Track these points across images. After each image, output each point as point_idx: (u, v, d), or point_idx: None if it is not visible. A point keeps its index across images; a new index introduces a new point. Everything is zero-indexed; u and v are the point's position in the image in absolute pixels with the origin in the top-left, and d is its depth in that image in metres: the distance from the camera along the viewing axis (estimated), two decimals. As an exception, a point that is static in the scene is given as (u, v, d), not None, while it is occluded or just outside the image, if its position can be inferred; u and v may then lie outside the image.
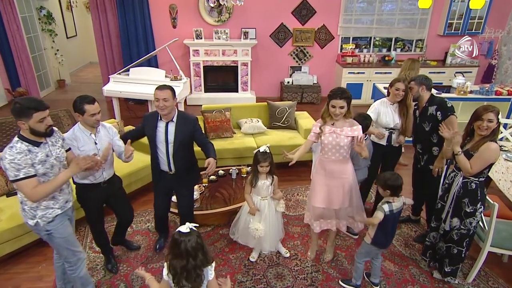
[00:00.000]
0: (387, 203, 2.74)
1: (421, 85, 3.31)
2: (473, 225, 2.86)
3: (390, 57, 7.55)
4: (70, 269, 2.63)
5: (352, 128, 2.87)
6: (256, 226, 3.04)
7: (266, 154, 3.00)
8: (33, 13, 7.66)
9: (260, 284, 3.12)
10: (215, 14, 7.23)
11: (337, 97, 2.75)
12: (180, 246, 1.89)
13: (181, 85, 5.92)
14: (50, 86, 8.23)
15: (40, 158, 2.28)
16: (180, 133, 2.95)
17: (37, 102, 2.26)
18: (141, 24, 7.07)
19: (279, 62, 7.71)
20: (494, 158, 2.68)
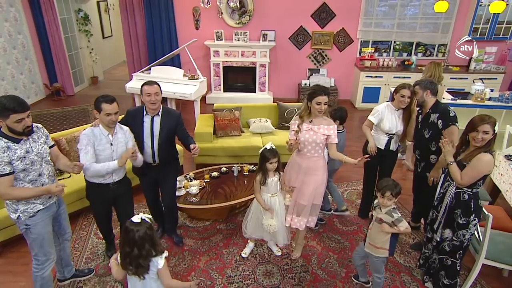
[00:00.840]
0: (395, 209, 2.55)
1: (426, 90, 3.11)
2: (467, 237, 2.64)
3: (410, 62, 7.21)
4: (36, 267, 2.54)
5: (328, 127, 2.86)
6: (269, 222, 2.98)
7: (273, 151, 2.93)
8: (72, 15, 8.01)
9: (247, 280, 3.07)
10: (236, 16, 7.23)
11: (322, 94, 2.74)
12: (129, 235, 1.91)
13: (197, 84, 5.97)
14: (84, 82, 8.58)
15: (19, 154, 2.24)
16: (165, 126, 2.99)
17: (16, 104, 2.17)
18: (166, 25, 7.21)
19: (297, 64, 7.58)
20: (487, 170, 2.47)
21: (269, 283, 3.04)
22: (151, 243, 1.96)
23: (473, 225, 2.62)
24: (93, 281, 3.03)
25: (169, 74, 6.15)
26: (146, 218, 2.00)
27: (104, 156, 2.68)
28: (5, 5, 6.60)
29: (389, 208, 2.53)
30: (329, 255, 3.37)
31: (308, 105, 2.86)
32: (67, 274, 2.96)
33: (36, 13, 7.16)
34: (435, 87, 3.13)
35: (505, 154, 3.76)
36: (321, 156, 2.97)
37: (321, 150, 2.93)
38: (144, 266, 1.96)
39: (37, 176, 2.37)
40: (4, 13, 6.58)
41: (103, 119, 2.60)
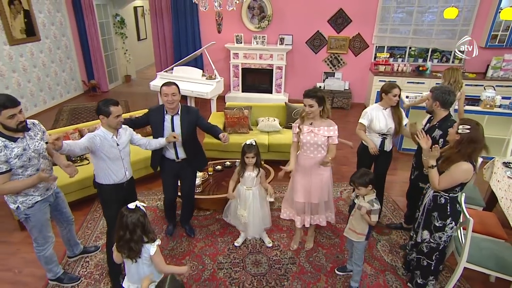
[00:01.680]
0: (376, 200, 2.60)
1: (435, 101, 2.89)
2: (443, 239, 2.56)
3: (425, 68, 6.93)
4: (37, 249, 2.63)
5: (328, 128, 2.82)
6: (241, 212, 3.06)
7: (252, 146, 2.98)
8: (109, 19, 8.42)
9: (237, 267, 3.12)
10: (256, 21, 7.29)
11: (306, 96, 2.72)
12: (123, 219, 1.98)
13: (214, 84, 6.08)
14: (118, 80, 8.99)
15: (16, 152, 2.25)
16: (186, 124, 3.00)
17: (6, 100, 2.17)
18: (190, 29, 7.40)
19: (313, 67, 7.52)
20: (464, 178, 2.37)
21: (256, 271, 3.08)
22: (142, 230, 2.01)
23: (449, 228, 2.53)
24: (99, 257, 3.21)
25: (189, 74, 6.31)
26: (141, 206, 2.06)
27: (113, 157, 2.60)
28: (52, 10, 7.06)
29: (371, 198, 2.58)
30: (318, 250, 3.35)
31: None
32: (76, 251, 3.15)
33: (78, 18, 7.60)
34: (446, 99, 2.85)
35: (504, 161, 3.55)
36: (324, 156, 2.91)
37: (323, 150, 2.88)
38: (135, 250, 2.01)
39: (35, 171, 2.39)
40: (51, 18, 7.04)
41: (112, 122, 2.51)
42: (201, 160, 3.37)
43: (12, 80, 6.20)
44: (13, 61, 6.22)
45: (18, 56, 6.32)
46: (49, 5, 6.95)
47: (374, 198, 2.62)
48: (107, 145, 2.54)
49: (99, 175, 2.65)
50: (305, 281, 2.98)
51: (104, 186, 2.67)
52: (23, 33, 6.40)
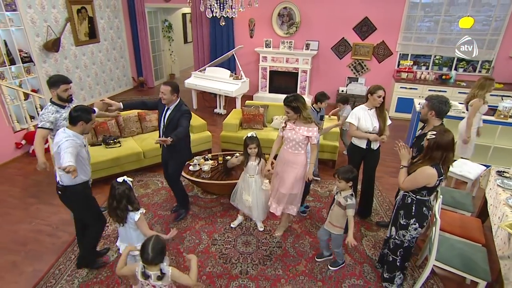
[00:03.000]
0: (351, 196, 2.69)
1: (431, 110, 2.81)
2: (406, 238, 2.55)
3: (449, 76, 6.56)
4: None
5: (308, 129, 2.91)
6: (246, 197, 3.26)
7: (253, 138, 3.16)
8: (159, 24, 9.05)
9: (228, 245, 3.33)
10: (285, 27, 7.41)
11: (284, 103, 2.89)
12: (112, 190, 2.28)
13: (239, 84, 6.34)
14: (163, 78, 9.62)
15: (64, 116, 2.93)
16: (170, 118, 3.21)
17: (63, 78, 2.94)
18: (225, 34, 7.72)
19: (337, 72, 7.46)
20: (427, 182, 2.33)
21: (244, 250, 3.27)
22: (127, 200, 2.29)
23: (413, 228, 2.50)
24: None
25: (218, 74, 6.63)
26: (128, 180, 2.33)
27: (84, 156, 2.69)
28: (111, 17, 7.80)
29: (347, 194, 2.68)
30: (305, 238, 3.45)
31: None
32: None
33: (132, 23, 8.28)
34: (442, 110, 2.78)
35: (498, 170, 3.36)
36: (301, 153, 3.02)
37: (301, 148, 2.98)
38: (121, 217, 2.30)
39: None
40: (110, 23, 7.78)
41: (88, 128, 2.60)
42: (183, 153, 3.45)
43: (75, 75, 6.99)
44: (77, 59, 7.01)
45: (81, 55, 7.09)
46: (109, 13, 7.69)
47: (350, 194, 2.69)
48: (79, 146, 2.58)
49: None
50: (286, 263, 3.11)
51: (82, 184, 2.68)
52: (87, 36, 7.17)
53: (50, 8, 6.20)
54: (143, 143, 4.60)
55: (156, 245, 1.92)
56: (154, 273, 1.94)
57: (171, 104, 3.24)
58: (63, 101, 2.98)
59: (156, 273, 1.94)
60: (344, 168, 2.73)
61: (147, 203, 3.97)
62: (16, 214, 3.74)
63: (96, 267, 2.96)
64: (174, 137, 2.98)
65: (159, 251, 1.91)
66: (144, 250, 1.90)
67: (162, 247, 1.95)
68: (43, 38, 6.14)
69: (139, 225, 2.35)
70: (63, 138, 2.46)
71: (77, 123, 2.51)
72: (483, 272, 2.48)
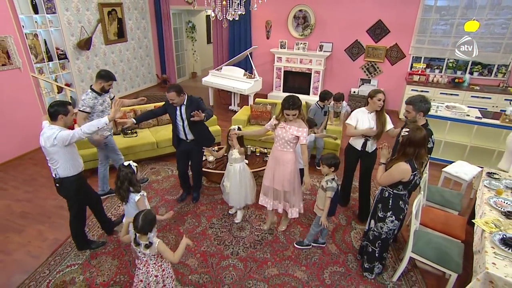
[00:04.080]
0: (332, 180, 2.86)
1: (419, 112, 2.88)
2: (384, 230, 2.66)
3: (462, 80, 6.42)
4: (100, 168, 3.89)
5: (298, 129, 2.92)
6: (226, 183, 3.50)
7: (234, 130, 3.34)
8: (182, 25, 9.47)
9: (224, 229, 3.57)
10: (300, 29, 7.55)
11: (289, 108, 2.82)
12: (118, 172, 2.57)
13: (252, 83, 6.56)
14: (185, 76, 10.05)
15: (100, 102, 3.54)
16: (189, 112, 3.40)
17: (113, 75, 3.59)
18: (243, 35, 7.98)
19: (350, 74, 7.50)
20: (401, 177, 2.44)
21: (238, 234, 3.50)
22: (129, 182, 2.55)
23: (390, 221, 2.61)
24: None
25: (233, 73, 6.90)
26: (133, 165, 2.59)
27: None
28: (139, 18, 8.30)
29: (329, 178, 2.86)
30: (296, 227, 3.62)
31: (283, 112, 2.95)
32: (105, 189, 4.02)
33: (158, 24, 8.75)
34: (427, 108, 2.89)
35: (488, 171, 3.36)
36: (290, 151, 3.04)
37: (290, 146, 3.01)
38: (123, 196, 2.59)
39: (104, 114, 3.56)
40: (137, 24, 8.28)
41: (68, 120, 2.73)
42: (207, 139, 3.79)
43: (104, 71, 7.52)
44: (106, 56, 7.54)
45: (110, 53, 7.63)
46: (137, 14, 8.19)
47: (331, 178, 2.87)
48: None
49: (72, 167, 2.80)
50: (275, 248, 3.31)
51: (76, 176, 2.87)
52: (115, 36, 7.69)
53: (84, 10, 6.74)
54: (157, 134, 4.95)
55: (146, 216, 2.18)
56: (143, 242, 2.21)
57: (181, 102, 3.44)
58: (103, 91, 3.57)
59: (145, 242, 2.21)
60: (328, 155, 2.93)
61: (156, 188, 4.30)
62: (44, 192, 4.19)
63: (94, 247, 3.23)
64: (206, 115, 3.42)
65: (148, 222, 2.18)
66: (135, 219, 2.17)
67: (151, 219, 2.21)
68: (77, 37, 6.69)
69: (139, 206, 2.59)
70: (56, 131, 2.60)
71: (57, 117, 2.64)
72: (455, 265, 2.56)
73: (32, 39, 5.87)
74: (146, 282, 2.31)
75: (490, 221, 2.59)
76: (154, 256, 2.27)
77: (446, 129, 4.84)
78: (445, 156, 4.97)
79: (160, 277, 2.31)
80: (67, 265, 3.04)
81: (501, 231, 2.46)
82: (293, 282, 2.92)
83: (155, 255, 2.26)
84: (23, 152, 5.06)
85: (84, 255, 3.16)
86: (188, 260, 3.12)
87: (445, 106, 5.04)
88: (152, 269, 2.28)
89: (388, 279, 2.95)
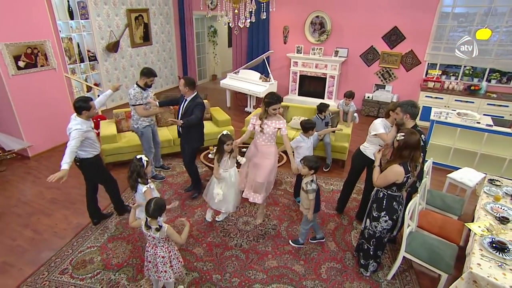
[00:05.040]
0: (311, 182, 2.99)
1: (406, 114, 2.98)
2: (378, 229, 2.77)
3: (478, 87, 6.30)
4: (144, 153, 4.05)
5: (278, 122, 3.26)
6: (217, 191, 3.41)
7: (228, 136, 3.34)
8: (204, 30, 9.83)
9: (230, 222, 3.77)
10: (317, 35, 7.67)
11: (277, 102, 3.16)
12: (131, 163, 2.84)
13: (267, 86, 6.76)
14: (206, 78, 10.40)
15: (144, 96, 3.98)
16: (187, 108, 3.69)
17: (155, 72, 4.00)
18: (261, 40, 8.20)
19: (365, 79, 7.53)
20: (395, 179, 2.55)
21: (243, 228, 3.69)
22: (137, 174, 2.80)
23: (383, 220, 2.72)
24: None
25: (249, 76, 7.12)
26: (144, 159, 2.83)
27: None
28: (164, 23, 8.71)
29: (308, 180, 2.98)
30: (299, 224, 3.73)
31: (266, 110, 3.19)
32: (157, 165, 4.75)
33: (181, 28, 9.13)
34: (414, 112, 2.97)
35: (490, 178, 3.36)
36: (273, 145, 3.34)
37: (272, 140, 3.31)
38: (132, 185, 2.85)
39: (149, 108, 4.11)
40: (162, 28, 8.70)
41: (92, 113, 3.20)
42: (195, 140, 3.87)
43: (129, 72, 7.98)
44: (132, 58, 7.99)
45: (136, 55, 8.07)
46: (162, 19, 8.61)
47: (310, 180, 2.99)
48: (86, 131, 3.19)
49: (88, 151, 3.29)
50: (276, 243, 3.47)
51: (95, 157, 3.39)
52: (141, 39, 8.13)
53: (113, 16, 7.21)
54: (175, 132, 5.24)
55: (157, 202, 2.43)
56: (154, 226, 2.45)
57: (188, 96, 3.72)
58: (146, 86, 4.01)
59: (155, 226, 2.45)
60: (311, 157, 3.06)
61: (170, 182, 4.58)
62: (71, 181, 4.53)
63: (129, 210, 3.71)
64: (185, 121, 3.53)
65: (159, 207, 2.41)
66: (148, 203, 2.42)
67: (162, 205, 2.45)
68: (106, 41, 7.16)
69: (146, 196, 2.83)
70: (73, 125, 3.08)
71: (81, 111, 3.10)
72: (446, 266, 2.63)
73: (67, 42, 6.37)
74: (154, 263, 2.54)
75: (483, 225, 2.64)
76: (162, 239, 2.50)
77: (456, 136, 4.81)
78: (454, 163, 4.94)
79: (167, 258, 2.54)
80: (88, 247, 3.36)
81: (492, 235, 2.51)
82: (291, 274, 3.08)
83: (163, 238, 2.49)
84: (54, 144, 5.51)
85: (103, 238, 3.47)
86: (195, 248, 3.35)
87: (456, 112, 5.01)
88: (159, 250, 2.52)
89: (383, 277, 3.04)
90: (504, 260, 2.27)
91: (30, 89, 4.93)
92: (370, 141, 3.46)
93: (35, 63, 4.92)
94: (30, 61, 4.86)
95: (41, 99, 5.11)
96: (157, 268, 2.53)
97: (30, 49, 4.81)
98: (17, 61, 4.68)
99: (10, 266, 3.12)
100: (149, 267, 2.59)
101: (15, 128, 4.93)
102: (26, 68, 4.82)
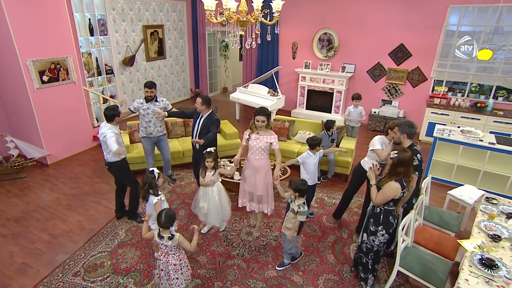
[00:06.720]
0: (303, 204, 3.03)
1: (403, 133, 3.13)
2: (375, 243, 2.88)
3: (484, 104, 6.35)
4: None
5: (270, 136, 3.39)
6: (202, 204, 3.53)
7: (211, 153, 3.45)
8: (216, 44, 10.20)
9: (234, 232, 3.93)
10: (324, 51, 7.89)
11: (259, 114, 3.29)
12: (144, 175, 3.06)
13: (275, 100, 6.98)
14: (217, 90, 10.73)
15: (144, 108, 4.31)
16: (204, 124, 3.93)
17: (147, 83, 4.25)
18: (271, 55, 8.47)
19: (372, 94, 7.66)
20: (394, 195, 2.67)
21: (245, 238, 3.85)
22: (149, 185, 3.02)
23: (381, 235, 2.83)
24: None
25: (258, 90, 7.37)
26: (155, 172, 3.04)
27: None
28: (177, 38, 9.12)
29: (300, 203, 3.03)
30: (300, 236, 3.89)
31: (254, 120, 3.37)
32: (167, 172, 4.96)
33: (194, 43, 9.52)
34: (411, 132, 3.10)
35: (487, 196, 3.43)
36: (265, 158, 3.46)
37: (265, 153, 3.42)
38: (143, 195, 3.06)
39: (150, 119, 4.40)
40: (176, 43, 9.10)
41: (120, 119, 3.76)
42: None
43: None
44: (147, 72, 8.38)
45: (150, 69, 8.46)
46: (176, 35, 9.02)
47: (302, 203, 3.03)
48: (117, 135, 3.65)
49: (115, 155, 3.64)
50: (277, 253, 3.61)
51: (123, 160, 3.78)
52: (156, 54, 8.54)
53: (130, 32, 7.63)
54: (184, 144, 5.50)
55: (168, 213, 2.62)
56: (167, 235, 2.64)
57: (204, 113, 3.95)
58: (146, 100, 4.33)
59: (168, 235, 2.64)
60: (297, 180, 3.06)
61: (179, 192, 4.80)
62: (86, 188, 4.86)
63: (138, 221, 4.04)
64: (205, 140, 3.74)
65: (170, 218, 2.61)
66: (159, 215, 2.62)
67: (172, 215, 2.64)
68: (123, 55, 7.56)
69: (156, 207, 3.03)
70: (106, 130, 3.53)
71: (113, 118, 3.61)
72: (439, 281, 2.72)
73: (86, 57, 6.78)
74: (166, 270, 2.72)
75: (475, 242, 2.73)
76: (174, 247, 2.67)
77: (459, 153, 4.88)
78: (457, 180, 4.99)
79: (178, 265, 2.72)
80: (99, 251, 3.58)
81: (483, 252, 2.60)
82: (289, 284, 3.21)
83: (175, 246, 2.67)
84: (71, 153, 5.84)
85: (113, 244, 3.69)
86: (198, 257, 3.52)
87: (459, 130, 5.09)
88: (171, 258, 2.69)
89: (379, 289, 3.13)
90: (492, 277, 2.36)
91: (52, 101, 5.29)
92: (369, 156, 3.62)
93: (57, 77, 5.30)
94: (53, 75, 5.24)
95: (61, 110, 5.46)
96: (169, 276, 2.71)
97: (53, 65, 5.20)
98: (42, 75, 5.06)
99: (29, 267, 3.37)
100: (161, 275, 2.76)
101: (37, 137, 5.29)
102: (49, 82, 5.19)
